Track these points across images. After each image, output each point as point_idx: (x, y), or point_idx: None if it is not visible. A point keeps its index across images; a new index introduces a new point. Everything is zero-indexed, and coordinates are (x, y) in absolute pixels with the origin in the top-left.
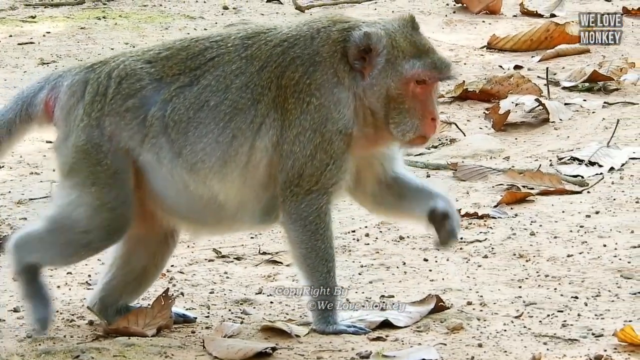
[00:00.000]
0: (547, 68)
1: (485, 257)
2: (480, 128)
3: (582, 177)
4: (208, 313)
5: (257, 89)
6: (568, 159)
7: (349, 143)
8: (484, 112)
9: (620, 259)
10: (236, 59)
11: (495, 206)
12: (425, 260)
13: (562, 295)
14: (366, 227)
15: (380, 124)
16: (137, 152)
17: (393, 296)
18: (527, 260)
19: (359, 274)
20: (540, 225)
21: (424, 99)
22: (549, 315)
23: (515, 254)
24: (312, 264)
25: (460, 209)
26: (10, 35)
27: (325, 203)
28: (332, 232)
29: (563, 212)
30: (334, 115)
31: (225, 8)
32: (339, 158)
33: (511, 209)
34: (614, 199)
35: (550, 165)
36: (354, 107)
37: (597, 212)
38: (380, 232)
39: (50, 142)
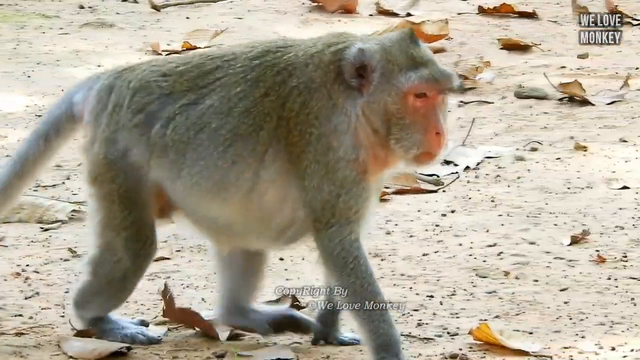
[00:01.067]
0: None
1: None
2: None
3: (438, 176)
4: (64, 313)
5: (260, 116)
6: None
7: (358, 170)
8: None
9: (475, 258)
10: (241, 81)
11: None
12: (281, 259)
13: (417, 294)
14: None
15: (384, 142)
16: (145, 170)
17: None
18: (382, 260)
19: (215, 273)
20: (396, 225)
21: (426, 113)
22: (404, 315)
23: (370, 253)
24: (352, 302)
25: None
26: None
27: (348, 234)
28: (366, 264)
29: (418, 211)
30: (333, 144)
31: (82, 7)
32: (352, 187)
33: None
34: (470, 198)
35: None
36: (353, 131)
37: (452, 211)
38: None
39: None
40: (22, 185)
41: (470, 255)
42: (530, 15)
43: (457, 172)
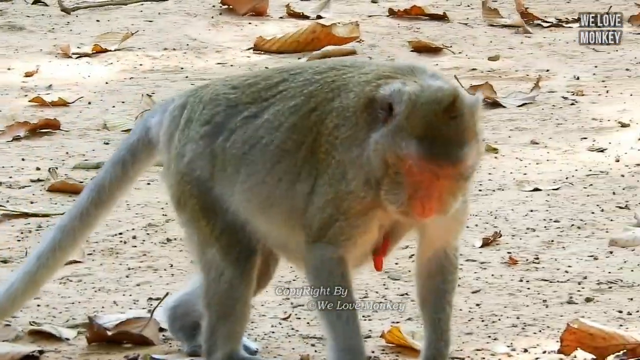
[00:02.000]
0: None
1: None
2: None
3: None
4: None
5: (304, 131)
6: None
7: (364, 205)
8: None
9: (388, 261)
10: (298, 95)
11: None
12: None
13: None
14: (133, 229)
15: (377, 182)
16: (210, 185)
17: (160, 298)
18: None
19: (127, 276)
20: None
21: (421, 180)
22: (316, 317)
23: None
24: (322, 313)
25: None
26: None
27: (333, 253)
28: (347, 285)
29: None
30: (348, 176)
31: None
32: (352, 216)
33: None
34: None
35: None
36: (368, 167)
37: None
38: (148, 234)
39: None
40: (99, 213)
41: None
42: (441, 18)
43: None
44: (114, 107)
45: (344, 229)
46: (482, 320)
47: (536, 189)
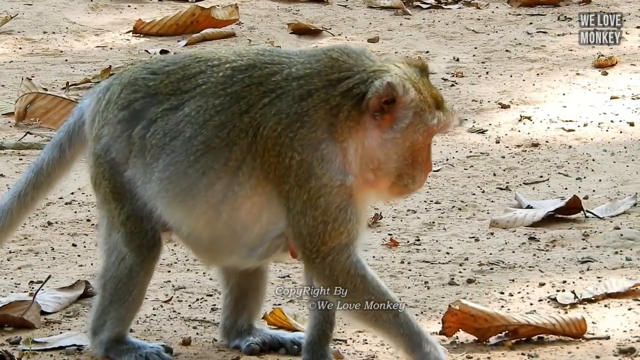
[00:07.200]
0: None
1: None
2: None
3: None
4: None
5: (235, 132)
6: None
7: (343, 195)
8: None
9: None
10: (221, 93)
11: None
12: (74, 245)
13: (211, 279)
14: None
15: (383, 174)
16: (122, 169)
17: (42, 282)
18: (175, 245)
19: (8, 259)
20: None
21: (429, 150)
22: (198, 300)
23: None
24: (373, 319)
25: None
26: None
27: (347, 258)
28: (373, 278)
29: None
30: (316, 172)
31: None
32: (338, 213)
33: None
34: None
35: None
36: (342, 159)
37: None
38: (28, 218)
39: None
40: (38, 194)
41: None
42: (320, 0)
43: None
44: None
45: (338, 229)
46: None
47: None
